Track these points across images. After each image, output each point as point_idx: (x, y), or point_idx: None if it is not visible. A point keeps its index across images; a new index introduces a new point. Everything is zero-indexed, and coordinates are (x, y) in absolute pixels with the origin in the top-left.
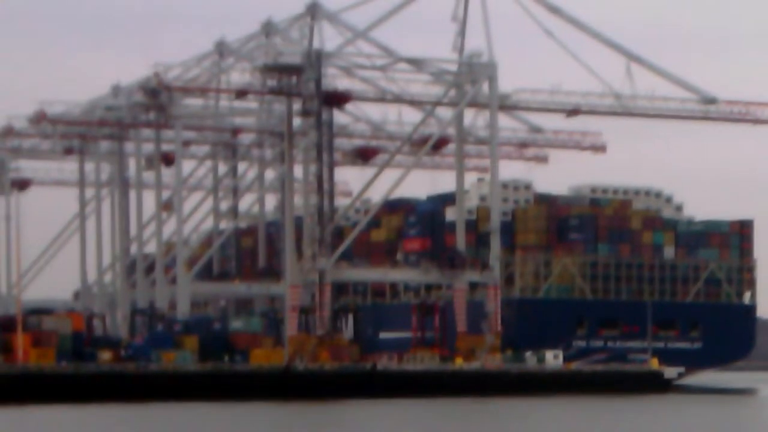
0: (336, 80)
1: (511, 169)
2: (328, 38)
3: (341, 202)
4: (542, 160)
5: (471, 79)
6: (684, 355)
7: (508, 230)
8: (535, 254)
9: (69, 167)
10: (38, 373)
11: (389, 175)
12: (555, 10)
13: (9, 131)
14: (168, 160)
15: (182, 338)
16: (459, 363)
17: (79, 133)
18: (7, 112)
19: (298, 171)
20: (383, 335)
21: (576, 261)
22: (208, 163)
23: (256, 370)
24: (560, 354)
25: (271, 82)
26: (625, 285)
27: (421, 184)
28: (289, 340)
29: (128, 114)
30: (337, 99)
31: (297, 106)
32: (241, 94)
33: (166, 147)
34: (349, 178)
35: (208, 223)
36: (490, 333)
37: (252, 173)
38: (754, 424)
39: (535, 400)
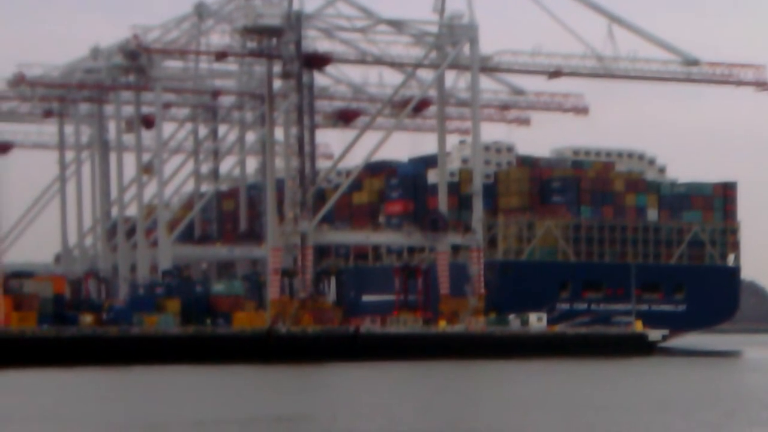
0: (316, 42)
1: (492, 132)
2: (308, 0)
3: (322, 164)
4: (524, 122)
5: (452, 41)
6: (668, 317)
7: (491, 193)
8: (517, 217)
9: (49, 130)
10: (19, 337)
11: (370, 138)
12: None
13: None
14: (148, 122)
15: (164, 301)
16: (442, 326)
17: (58, 96)
18: None
19: (278, 133)
20: (366, 298)
21: (559, 223)
22: (189, 126)
23: (238, 334)
24: (544, 317)
25: (251, 44)
26: (608, 247)
27: (402, 146)
28: (271, 304)
29: (108, 76)
30: (318, 61)
31: (277, 68)
32: (221, 56)
33: (146, 109)
34: (330, 140)
35: (189, 186)
36: (473, 296)
37: (233, 136)
38: (737, 386)
39: (518, 363)
